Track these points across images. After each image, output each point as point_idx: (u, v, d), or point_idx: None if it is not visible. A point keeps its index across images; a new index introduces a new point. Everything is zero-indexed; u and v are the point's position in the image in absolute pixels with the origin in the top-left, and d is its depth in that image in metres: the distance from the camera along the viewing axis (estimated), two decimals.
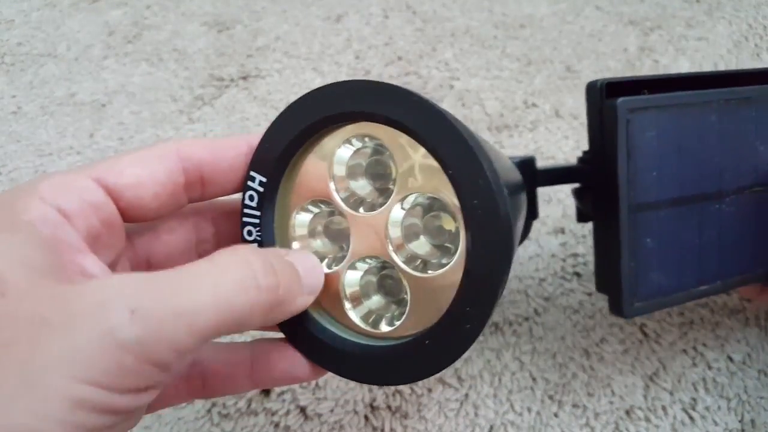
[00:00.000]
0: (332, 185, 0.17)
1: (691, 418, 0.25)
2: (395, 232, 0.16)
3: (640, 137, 0.20)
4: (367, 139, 0.17)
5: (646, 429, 0.24)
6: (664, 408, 0.25)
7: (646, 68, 0.43)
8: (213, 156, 0.16)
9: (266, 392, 0.26)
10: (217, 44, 0.48)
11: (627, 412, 0.25)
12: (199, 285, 0.13)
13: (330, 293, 0.17)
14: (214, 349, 0.17)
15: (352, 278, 0.17)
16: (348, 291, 0.17)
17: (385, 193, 0.17)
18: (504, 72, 0.44)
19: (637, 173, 0.20)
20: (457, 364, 0.27)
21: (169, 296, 0.12)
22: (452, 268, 0.16)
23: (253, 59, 0.46)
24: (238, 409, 0.25)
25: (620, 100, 0.20)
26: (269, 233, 0.17)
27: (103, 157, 0.15)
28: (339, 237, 0.18)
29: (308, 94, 0.17)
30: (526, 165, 0.23)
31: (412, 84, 0.43)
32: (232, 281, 0.13)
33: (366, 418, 0.25)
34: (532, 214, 0.24)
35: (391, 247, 0.16)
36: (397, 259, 0.16)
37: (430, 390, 0.26)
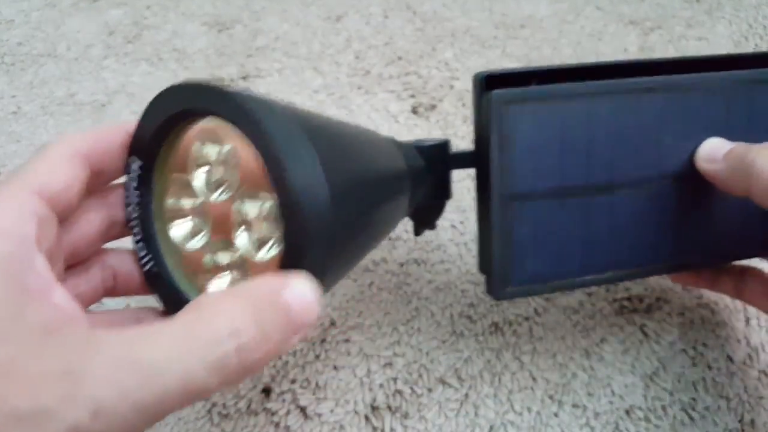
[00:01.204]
0: (193, 173, 0.19)
1: (690, 417, 0.25)
2: (237, 219, 0.19)
3: (516, 129, 0.20)
4: (219, 134, 0.18)
5: (646, 429, 0.24)
6: (663, 408, 0.25)
7: None
8: (102, 146, 0.18)
9: (266, 392, 0.26)
10: (217, 44, 0.48)
11: (627, 412, 0.25)
12: (169, 375, 0.12)
13: (195, 267, 0.20)
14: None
15: (208, 258, 0.20)
16: (206, 267, 0.20)
17: (233, 183, 0.19)
18: None
19: (512, 164, 0.20)
20: (458, 363, 0.27)
21: (136, 391, 0.12)
22: (275, 254, 0.18)
23: (253, 59, 0.46)
24: (238, 409, 0.25)
25: (494, 92, 0.20)
26: (148, 212, 0.19)
27: (14, 168, 0.16)
28: (202, 218, 0.20)
29: (163, 92, 0.18)
30: (438, 149, 0.24)
31: (412, 84, 0.43)
32: (210, 365, 0.12)
33: (366, 418, 0.25)
34: (444, 194, 0.25)
35: (234, 233, 0.19)
36: (239, 244, 0.18)
37: (430, 390, 0.26)
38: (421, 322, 0.28)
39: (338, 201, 0.16)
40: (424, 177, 0.24)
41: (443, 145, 0.24)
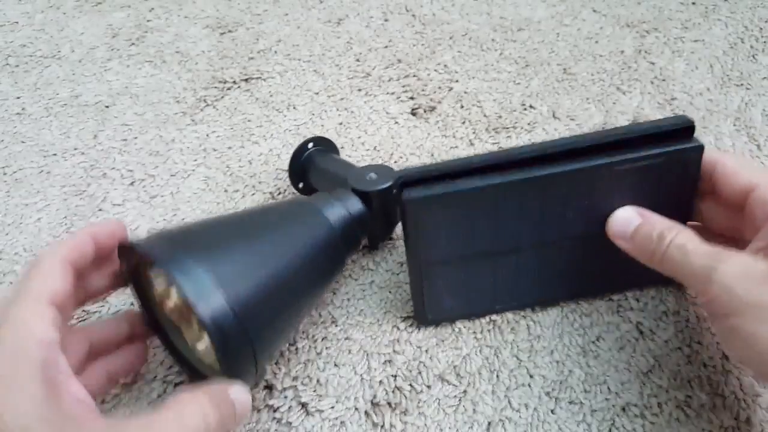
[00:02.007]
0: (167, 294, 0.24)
1: (686, 415, 0.25)
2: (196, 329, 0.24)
3: (427, 220, 0.24)
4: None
5: (642, 425, 0.25)
6: (659, 405, 0.25)
7: (642, 70, 0.44)
8: (80, 254, 0.22)
9: (269, 389, 0.26)
10: (219, 47, 0.48)
11: (623, 409, 0.25)
12: None
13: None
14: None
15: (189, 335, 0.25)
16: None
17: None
18: (502, 74, 0.44)
19: (427, 242, 0.25)
20: (456, 361, 0.27)
21: None
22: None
23: (254, 61, 0.47)
24: None
25: (405, 195, 0.23)
26: (140, 284, 0.25)
27: (19, 280, 0.21)
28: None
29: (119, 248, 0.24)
30: (387, 192, 0.28)
31: (412, 86, 0.43)
32: None
33: (366, 414, 0.25)
34: (394, 221, 0.30)
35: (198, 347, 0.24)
36: (199, 348, 0.24)
37: (429, 387, 0.26)
38: None
39: (246, 306, 0.21)
40: (365, 222, 0.27)
41: (390, 188, 0.28)
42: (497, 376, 0.26)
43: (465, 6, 0.52)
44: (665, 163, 0.23)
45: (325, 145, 0.34)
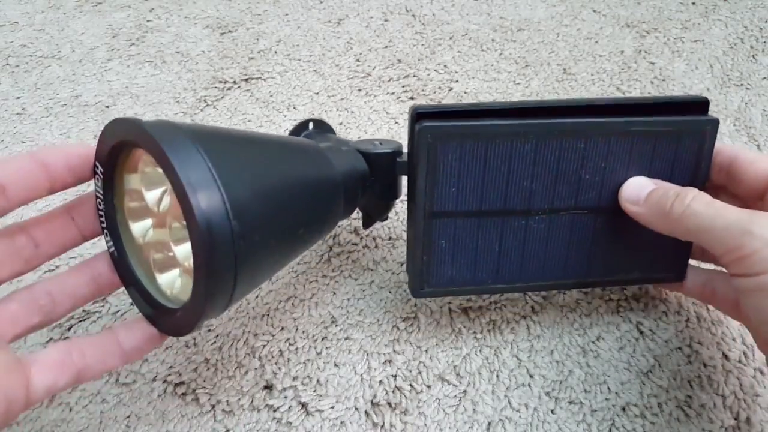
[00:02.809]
0: (142, 187, 0.22)
1: (686, 415, 0.25)
2: (173, 237, 0.22)
3: (442, 158, 0.23)
4: (151, 164, 0.21)
5: (642, 425, 0.25)
6: (659, 405, 0.25)
7: (642, 70, 0.44)
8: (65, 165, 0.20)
9: (269, 389, 0.26)
10: (219, 47, 0.48)
11: (623, 409, 0.25)
12: None
13: (147, 263, 0.22)
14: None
15: (156, 256, 0.22)
16: (155, 261, 0.22)
17: (169, 205, 0.22)
18: (502, 74, 0.44)
19: (437, 186, 0.23)
20: (456, 361, 0.27)
21: None
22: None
23: (255, 62, 0.47)
24: (241, 405, 0.26)
25: (423, 125, 0.22)
26: (111, 207, 0.22)
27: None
28: (153, 219, 0.23)
29: (107, 125, 0.20)
30: (387, 156, 0.26)
31: (412, 86, 0.43)
32: None
33: (366, 414, 0.25)
34: (392, 195, 0.28)
35: (172, 242, 0.22)
36: (176, 251, 0.22)
37: (429, 387, 0.26)
38: (420, 320, 0.29)
39: (246, 219, 0.18)
40: (365, 181, 0.26)
41: (393, 153, 0.26)
42: (497, 376, 0.26)
43: (465, 6, 0.52)
44: (680, 134, 0.24)
45: (324, 129, 0.34)
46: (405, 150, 0.26)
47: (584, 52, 0.46)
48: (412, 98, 0.43)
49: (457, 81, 0.44)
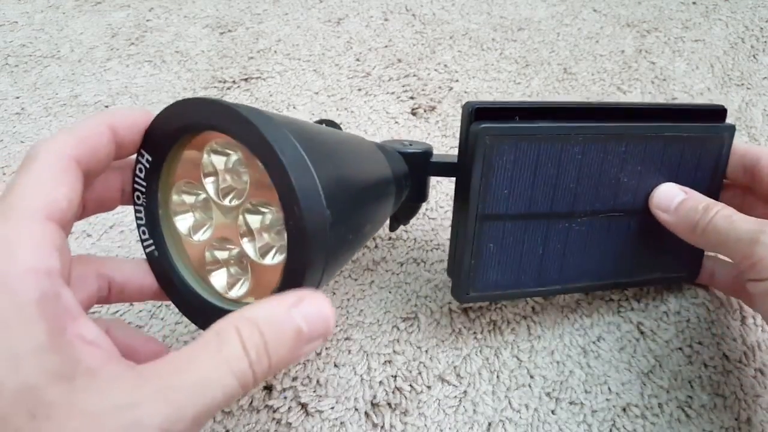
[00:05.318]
0: (202, 176, 0.20)
1: (687, 415, 0.25)
2: (241, 230, 0.20)
3: (497, 159, 0.23)
4: (228, 146, 0.20)
5: (643, 426, 0.25)
6: (660, 405, 0.25)
7: (642, 69, 0.44)
8: (90, 147, 0.17)
9: (268, 389, 0.26)
10: (219, 46, 0.48)
11: (624, 409, 0.25)
12: (212, 388, 0.14)
13: (199, 260, 0.21)
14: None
15: (214, 254, 0.21)
16: (209, 262, 0.21)
17: (242, 192, 0.20)
18: (502, 74, 0.44)
19: (490, 188, 0.23)
20: (457, 361, 0.27)
21: (190, 407, 0.13)
22: (280, 260, 0.19)
23: (254, 61, 0.47)
24: (240, 406, 0.26)
25: (482, 126, 0.22)
26: (154, 202, 0.20)
27: (11, 179, 0.15)
28: (207, 215, 0.21)
29: (180, 101, 0.19)
30: (420, 156, 0.26)
31: (412, 86, 0.43)
32: (234, 378, 0.14)
33: (366, 414, 0.25)
34: (421, 197, 0.27)
35: (240, 237, 0.20)
36: (246, 248, 0.20)
37: (429, 387, 0.26)
38: (420, 321, 0.28)
39: (334, 211, 0.17)
40: (407, 181, 0.26)
41: (425, 153, 0.26)
42: (497, 376, 0.26)
43: (465, 6, 0.52)
44: (704, 139, 0.25)
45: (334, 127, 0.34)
46: (434, 151, 0.27)
47: (585, 51, 0.46)
48: (411, 98, 0.43)
49: (457, 80, 0.44)
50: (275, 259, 0.20)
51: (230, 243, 0.21)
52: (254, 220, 0.20)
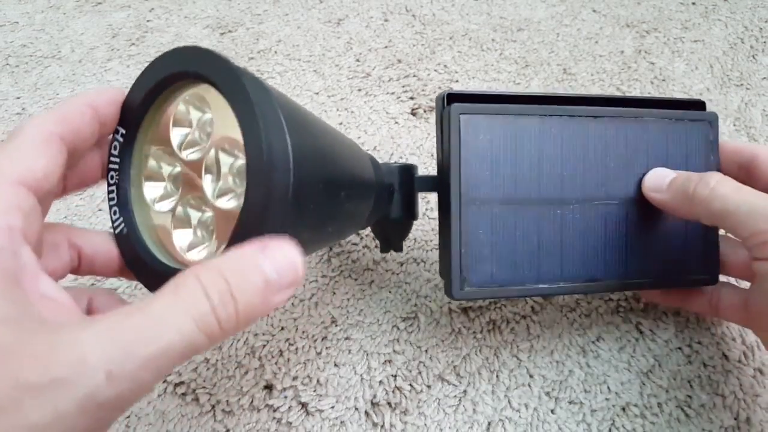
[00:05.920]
0: (171, 133, 0.20)
1: (686, 415, 0.25)
2: (207, 166, 0.19)
3: (473, 139, 0.23)
4: (197, 102, 0.20)
5: (642, 425, 0.25)
6: (659, 405, 0.25)
7: (642, 70, 0.44)
8: (73, 124, 0.17)
9: (269, 389, 0.26)
10: (219, 47, 0.48)
11: (623, 409, 0.25)
12: (166, 330, 0.13)
13: (164, 227, 0.20)
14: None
15: (180, 214, 0.20)
16: (174, 225, 0.20)
17: (205, 147, 0.20)
18: (502, 74, 0.44)
19: (470, 171, 0.23)
20: (456, 361, 0.27)
21: (141, 347, 0.13)
22: (235, 205, 0.18)
23: (255, 62, 0.47)
24: (241, 405, 0.26)
25: (454, 105, 0.23)
26: (125, 178, 0.20)
27: None
28: (176, 180, 0.21)
29: (160, 56, 0.19)
30: (405, 171, 0.26)
31: (412, 86, 0.43)
32: (192, 321, 0.14)
33: (366, 414, 0.25)
34: (411, 215, 0.27)
35: (204, 183, 0.19)
36: (204, 187, 0.19)
37: (429, 387, 0.26)
38: (420, 320, 0.29)
39: (299, 173, 0.17)
40: (390, 193, 0.26)
41: (409, 168, 0.26)
42: (497, 376, 0.26)
43: (465, 6, 0.52)
44: (686, 126, 0.26)
45: None
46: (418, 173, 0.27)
47: (584, 52, 0.46)
48: (412, 98, 0.43)
49: (457, 81, 0.44)
50: (230, 203, 0.19)
51: (191, 204, 0.20)
52: (220, 159, 0.19)
